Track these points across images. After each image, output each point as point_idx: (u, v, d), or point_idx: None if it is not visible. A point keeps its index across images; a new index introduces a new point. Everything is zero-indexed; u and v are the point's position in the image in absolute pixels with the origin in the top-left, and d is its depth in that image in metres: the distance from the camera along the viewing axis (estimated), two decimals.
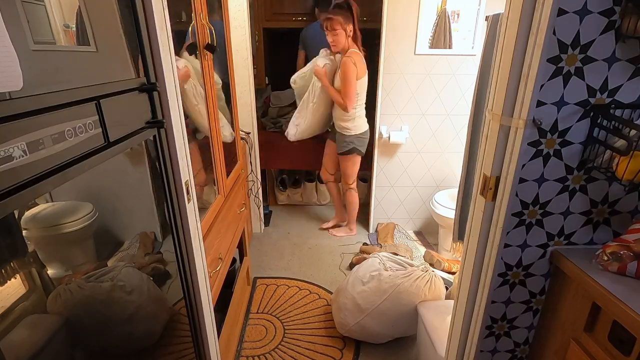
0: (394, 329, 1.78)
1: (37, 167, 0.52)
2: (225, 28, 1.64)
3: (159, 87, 0.85)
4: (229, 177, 1.67)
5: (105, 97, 0.68)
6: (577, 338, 0.96)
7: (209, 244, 1.28)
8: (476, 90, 1.71)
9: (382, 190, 2.87)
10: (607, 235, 1.02)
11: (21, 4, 0.50)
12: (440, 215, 2.39)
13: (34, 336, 0.56)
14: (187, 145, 1.01)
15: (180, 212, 0.99)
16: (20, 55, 0.48)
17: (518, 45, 0.86)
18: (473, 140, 1.76)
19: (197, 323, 1.15)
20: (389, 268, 1.79)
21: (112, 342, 0.80)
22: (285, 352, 1.82)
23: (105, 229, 0.79)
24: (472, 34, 2.42)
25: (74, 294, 0.65)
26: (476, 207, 1.07)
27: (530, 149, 0.92)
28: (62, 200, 0.64)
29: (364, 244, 2.69)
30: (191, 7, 1.20)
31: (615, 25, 0.81)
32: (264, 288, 2.30)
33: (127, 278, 0.82)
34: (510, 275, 1.07)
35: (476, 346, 1.15)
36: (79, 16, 0.63)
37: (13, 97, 0.48)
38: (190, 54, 1.21)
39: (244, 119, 2.58)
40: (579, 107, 0.88)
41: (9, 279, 0.52)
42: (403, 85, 2.54)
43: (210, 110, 1.38)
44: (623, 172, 0.84)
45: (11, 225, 0.52)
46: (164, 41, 0.86)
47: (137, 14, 0.78)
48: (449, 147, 2.72)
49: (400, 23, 2.37)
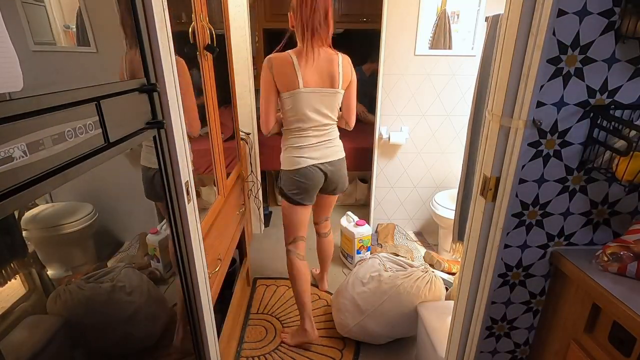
0: (394, 330, 1.77)
1: (37, 167, 0.51)
2: (225, 28, 1.64)
3: (159, 87, 0.85)
4: (228, 177, 1.68)
5: (106, 97, 0.68)
6: (577, 339, 0.96)
7: (209, 244, 1.28)
8: (476, 90, 1.71)
9: (382, 191, 2.87)
10: (607, 235, 1.02)
11: (21, 5, 0.50)
12: (440, 215, 2.39)
13: (34, 337, 0.56)
14: (187, 146, 1.01)
15: (180, 213, 0.99)
16: (20, 56, 0.48)
17: (518, 46, 0.86)
18: (473, 141, 1.76)
19: (197, 323, 1.15)
20: (389, 269, 1.78)
21: (112, 343, 0.80)
22: (285, 352, 1.82)
23: (105, 229, 0.79)
24: (472, 34, 2.42)
25: (73, 294, 0.65)
26: (476, 208, 1.07)
27: (530, 150, 0.92)
28: (62, 200, 0.64)
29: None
30: (191, 7, 1.20)
31: (615, 26, 0.81)
32: (264, 289, 2.30)
33: (127, 279, 0.82)
34: (510, 275, 1.07)
35: (476, 347, 1.15)
36: (79, 17, 0.64)
37: (13, 97, 0.48)
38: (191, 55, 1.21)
39: (244, 120, 2.59)
40: (578, 107, 0.88)
41: (9, 279, 0.52)
42: (403, 86, 2.54)
43: (210, 110, 1.38)
44: (623, 173, 0.84)
45: (11, 226, 0.52)
46: (164, 42, 0.86)
47: (137, 14, 0.78)
48: (449, 148, 2.73)
49: (400, 24, 2.38)
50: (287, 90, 1.58)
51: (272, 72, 1.57)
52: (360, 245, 2.43)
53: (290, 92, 1.58)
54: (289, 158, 1.68)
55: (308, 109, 1.60)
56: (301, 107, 1.60)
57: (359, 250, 2.44)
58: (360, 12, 3.24)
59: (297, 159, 1.66)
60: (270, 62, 1.57)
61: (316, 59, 1.57)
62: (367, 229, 2.43)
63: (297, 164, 1.66)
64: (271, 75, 1.57)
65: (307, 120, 1.62)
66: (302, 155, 1.66)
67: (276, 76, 1.57)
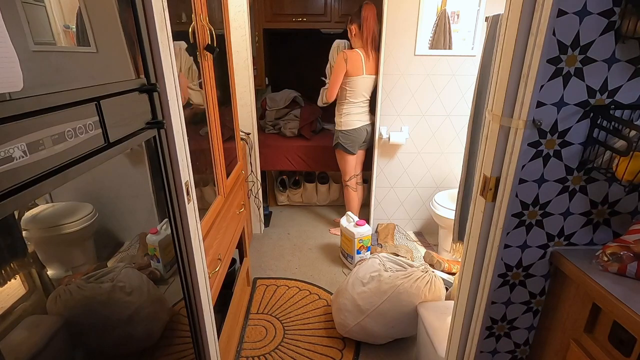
0: (394, 330, 1.77)
1: (37, 167, 0.51)
2: (225, 28, 1.64)
3: (159, 87, 0.85)
4: (228, 177, 1.68)
5: (106, 97, 0.68)
6: (577, 339, 0.96)
7: (209, 244, 1.28)
8: (476, 90, 1.71)
9: (382, 191, 2.87)
10: (607, 235, 1.02)
11: (21, 5, 0.50)
12: (440, 215, 2.39)
13: (34, 337, 0.56)
14: (187, 146, 1.01)
15: (180, 213, 0.99)
16: (20, 56, 0.48)
17: (518, 46, 0.86)
18: (473, 141, 1.76)
19: (197, 323, 1.15)
20: (389, 269, 1.79)
21: (112, 343, 0.79)
22: (285, 352, 1.82)
23: (105, 229, 0.79)
24: (472, 34, 2.42)
25: (73, 294, 0.65)
26: (476, 208, 1.07)
27: (530, 150, 0.92)
28: (62, 200, 0.64)
29: None
30: (191, 7, 1.20)
31: (615, 26, 0.81)
32: (264, 289, 2.30)
33: (127, 279, 0.82)
34: (510, 276, 1.07)
35: (476, 347, 1.15)
36: (79, 17, 0.63)
37: (13, 97, 0.48)
38: (189, 55, 1.21)
39: (243, 120, 2.59)
40: (578, 107, 0.88)
41: (8, 279, 0.52)
42: (403, 86, 2.54)
43: (210, 111, 1.38)
44: (623, 173, 0.84)
45: (11, 226, 0.52)
46: (164, 41, 0.86)
47: (137, 15, 0.78)
48: (449, 148, 2.73)
49: (400, 24, 2.38)
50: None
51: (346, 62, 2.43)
52: (360, 245, 2.43)
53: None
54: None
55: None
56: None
57: (359, 250, 2.44)
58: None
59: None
60: (346, 55, 2.43)
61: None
62: (367, 229, 2.43)
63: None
64: (344, 66, 2.43)
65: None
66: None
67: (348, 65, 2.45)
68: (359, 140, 2.64)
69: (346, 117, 2.57)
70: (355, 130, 2.60)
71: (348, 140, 2.61)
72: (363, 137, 2.65)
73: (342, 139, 2.63)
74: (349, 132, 2.59)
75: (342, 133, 2.61)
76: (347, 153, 2.67)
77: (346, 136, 2.61)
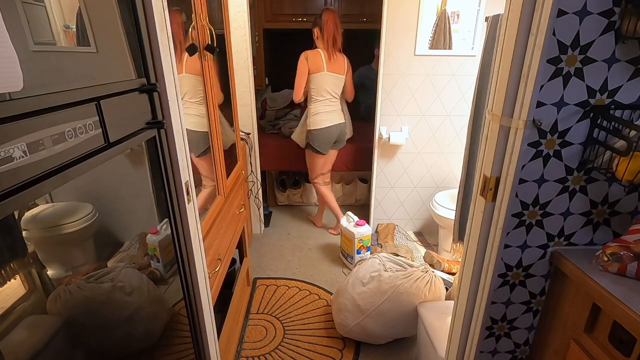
0: (394, 330, 1.77)
1: (38, 167, 0.51)
2: (225, 28, 1.64)
3: (159, 87, 0.85)
4: (229, 177, 1.68)
5: (106, 97, 0.68)
6: (578, 339, 0.96)
7: (209, 244, 1.28)
8: (476, 91, 1.71)
9: (382, 191, 2.87)
10: (607, 235, 1.02)
11: (21, 5, 0.50)
12: (440, 215, 2.39)
13: (34, 337, 0.56)
14: (187, 146, 1.01)
15: (180, 213, 0.99)
16: (20, 56, 0.48)
17: (518, 46, 0.86)
18: (473, 141, 1.76)
19: (197, 323, 1.15)
20: (389, 269, 1.78)
21: (112, 343, 0.79)
22: (285, 352, 1.82)
23: (105, 229, 0.79)
24: (472, 34, 2.42)
25: (73, 294, 0.65)
26: (476, 208, 1.07)
27: (530, 150, 0.92)
28: (62, 200, 0.64)
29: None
30: (191, 7, 1.20)
31: (615, 26, 0.81)
32: (264, 289, 2.30)
33: (127, 279, 0.82)
34: (511, 276, 1.07)
35: (476, 347, 1.15)
36: (79, 17, 0.63)
37: (13, 97, 0.48)
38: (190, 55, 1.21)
39: (244, 120, 2.59)
40: (578, 107, 0.88)
41: (8, 279, 0.52)
42: (403, 86, 2.54)
43: (210, 111, 1.38)
44: (623, 173, 0.84)
45: (11, 226, 0.52)
46: (164, 41, 0.86)
47: (137, 15, 0.78)
48: (449, 148, 2.73)
49: (400, 24, 2.38)
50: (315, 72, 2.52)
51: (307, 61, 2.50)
52: (360, 245, 2.43)
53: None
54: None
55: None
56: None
57: (359, 250, 2.44)
58: (360, 12, 3.24)
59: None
60: (306, 54, 2.50)
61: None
62: (367, 229, 2.43)
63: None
64: (306, 64, 2.50)
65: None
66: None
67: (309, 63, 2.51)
68: (329, 141, 2.63)
69: (314, 116, 2.57)
70: (324, 130, 2.58)
71: (316, 140, 2.60)
72: (334, 137, 2.64)
73: (310, 139, 2.63)
74: (317, 131, 2.58)
75: (310, 133, 2.61)
76: (316, 153, 2.66)
77: (314, 136, 2.60)
